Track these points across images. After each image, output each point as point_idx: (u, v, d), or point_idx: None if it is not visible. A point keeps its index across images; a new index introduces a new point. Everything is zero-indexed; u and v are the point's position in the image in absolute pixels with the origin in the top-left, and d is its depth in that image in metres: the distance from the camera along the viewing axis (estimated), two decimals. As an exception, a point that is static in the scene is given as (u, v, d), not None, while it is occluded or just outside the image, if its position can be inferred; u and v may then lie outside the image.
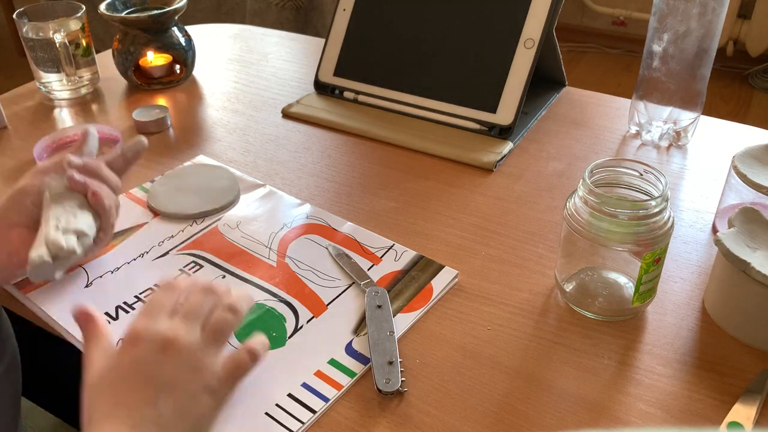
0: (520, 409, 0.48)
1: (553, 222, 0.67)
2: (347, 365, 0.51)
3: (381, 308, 0.55)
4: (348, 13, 0.89)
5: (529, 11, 0.78)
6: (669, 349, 0.53)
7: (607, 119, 0.85)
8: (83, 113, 0.90)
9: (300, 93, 0.92)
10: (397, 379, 0.49)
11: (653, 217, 0.50)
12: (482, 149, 0.77)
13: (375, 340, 0.52)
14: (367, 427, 0.47)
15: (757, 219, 0.54)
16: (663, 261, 0.53)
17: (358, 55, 0.88)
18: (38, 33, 0.87)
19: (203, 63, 1.02)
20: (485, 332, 0.54)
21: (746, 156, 0.61)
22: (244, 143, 0.82)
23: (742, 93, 2.35)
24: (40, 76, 0.91)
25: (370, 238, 0.64)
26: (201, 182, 0.72)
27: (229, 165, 0.77)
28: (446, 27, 0.83)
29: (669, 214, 0.52)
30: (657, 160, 0.76)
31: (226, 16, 1.93)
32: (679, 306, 0.57)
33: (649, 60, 0.74)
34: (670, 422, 0.47)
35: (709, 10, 0.69)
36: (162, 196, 0.70)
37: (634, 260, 0.54)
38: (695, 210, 0.68)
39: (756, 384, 0.49)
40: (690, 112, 0.76)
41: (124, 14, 0.90)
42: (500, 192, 0.72)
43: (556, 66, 0.88)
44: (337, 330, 0.54)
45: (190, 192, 0.70)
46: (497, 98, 0.79)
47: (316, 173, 0.76)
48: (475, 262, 0.62)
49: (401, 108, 0.84)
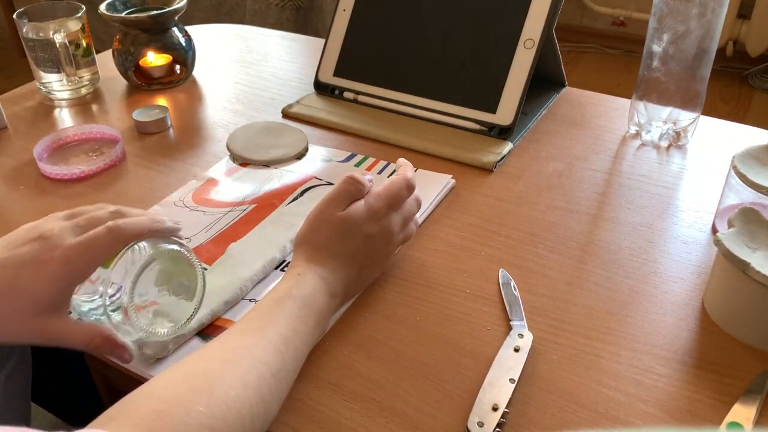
0: (520, 409, 0.48)
1: (553, 222, 0.67)
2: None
3: (517, 352, 0.52)
4: (348, 13, 0.89)
5: (529, 11, 0.78)
6: (669, 349, 0.53)
7: (607, 119, 0.85)
8: (83, 113, 0.90)
9: (300, 93, 0.92)
10: (491, 427, 0.46)
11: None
12: (482, 149, 0.77)
13: (491, 380, 0.49)
14: (367, 427, 0.47)
15: (756, 219, 0.54)
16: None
17: (358, 55, 0.88)
18: (38, 33, 0.87)
19: (203, 63, 1.02)
20: (485, 332, 0.55)
21: (746, 156, 0.61)
22: (244, 143, 0.82)
23: (741, 93, 2.35)
24: (40, 77, 0.91)
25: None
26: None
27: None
28: (446, 27, 0.83)
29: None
30: (657, 161, 0.76)
31: (226, 16, 1.93)
32: (679, 306, 0.57)
33: (648, 60, 0.74)
34: (670, 422, 0.47)
35: (709, 11, 0.69)
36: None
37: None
38: (695, 210, 0.68)
39: (756, 384, 0.49)
40: (690, 113, 0.76)
41: (124, 14, 0.90)
42: (500, 192, 0.72)
43: (556, 66, 0.88)
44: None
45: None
46: (497, 98, 0.79)
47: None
48: (475, 262, 0.62)
49: (401, 108, 0.84)
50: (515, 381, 0.49)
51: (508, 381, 0.49)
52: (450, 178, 0.73)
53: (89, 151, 0.79)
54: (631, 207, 0.69)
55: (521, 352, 0.51)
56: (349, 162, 0.76)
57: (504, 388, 0.48)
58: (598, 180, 0.73)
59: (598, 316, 0.56)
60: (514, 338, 0.53)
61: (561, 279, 0.60)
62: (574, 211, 0.68)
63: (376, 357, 0.53)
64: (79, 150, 0.80)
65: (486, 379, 0.49)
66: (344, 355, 0.53)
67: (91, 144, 0.81)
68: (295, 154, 0.77)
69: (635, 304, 0.57)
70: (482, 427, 0.45)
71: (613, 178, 0.74)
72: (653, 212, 0.68)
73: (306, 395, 0.50)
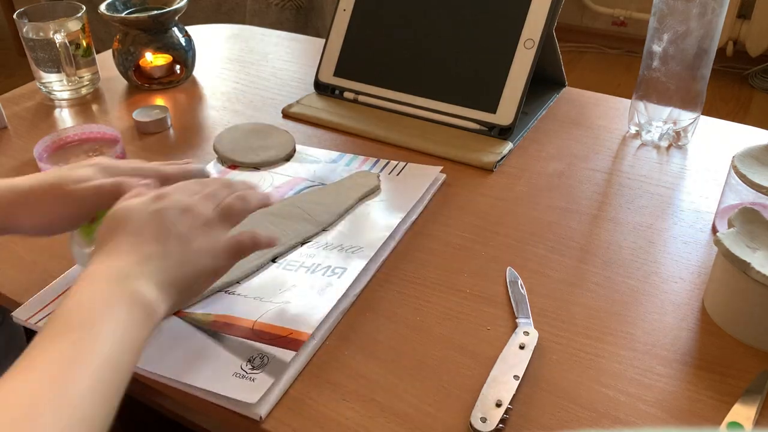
0: (520, 407, 0.48)
1: (553, 222, 0.67)
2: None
3: (522, 349, 0.52)
4: (348, 14, 0.89)
5: (529, 11, 0.78)
6: (669, 349, 0.53)
7: (607, 119, 0.85)
8: (83, 113, 0.90)
9: (300, 93, 0.92)
10: (494, 422, 0.46)
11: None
12: (482, 149, 0.77)
13: (495, 376, 0.49)
14: (367, 427, 0.47)
15: (757, 219, 0.54)
16: None
17: (358, 56, 0.88)
18: (38, 33, 0.87)
19: (203, 63, 1.02)
20: (485, 332, 0.55)
21: (746, 156, 0.61)
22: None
23: (741, 93, 2.35)
24: (40, 77, 0.91)
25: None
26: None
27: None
28: (446, 27, 0.83)
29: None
30: (657, 161, 0.76)
31: (226, 16, 1.93)
32: (679, 306, 0.57)
33: (649, 60, 0.74)
34: (670, 422, 0.47)
35: (709, 11, 0.69)
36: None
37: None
38: (695, 210, 0.68)
39: (756, 384, 0.49)
40: (690, 113, 0.76)
41: (124, 14, 0.90)
42: (500, 192, 0.72)
43: (556, 66, 0.88)
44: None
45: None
46: (497, 98, 0.79)
47: (316, 173, 0.76)
48: (476, 262, 0.62)
49: (401, 108, 0.84)
50: (519, 378, 0.49)
51: (512, 377, 0.49)
52: (439, 171, 0.73)
53: (89, 151, 0.79)
54: (631, 207, 0.69)
55: (526, 349, 0.51)
56: (339, 162, 0.76)
57: (508, 384, 0.48)
58: (598, 180, 0.73)
59: (599, 316, 0.56)
60: (519, 335, 0.53)
61: (561, 279, 0.60)
62: (575, 211, 0.68)
63: (376, 357, 0.53)
64: (79, 150, 0.80)
65: (490, 375, 0.49)
66: (344, 355, 0.53)
67: (91, 144, 0.81)
68: (284, 156, 0.77)
69: (635, 304, 0.57)
70: (485, 422, 0.46)
71: (613, 178, 0.74)
72: (653, 212, 0.68)
73: (306, 395, 0.50)
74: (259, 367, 0.50)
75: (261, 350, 0.52)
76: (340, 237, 0.64)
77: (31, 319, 0.56)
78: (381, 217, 0.66)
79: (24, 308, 0.57)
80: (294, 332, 0.53)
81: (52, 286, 0.59)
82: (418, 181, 0.71)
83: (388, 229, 0.64)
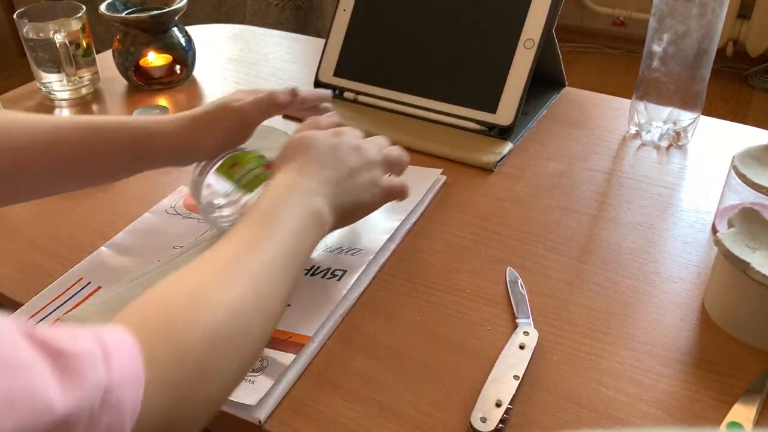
0: (520, 408, 0.48)
1: (553, 222, 0.67)
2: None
3: (522, 349, 0.52)
4: (348, 14, 0.89)
5: (529, 11, 0.78)
6: (669, 349, 0.53)
7: (607, 119, 0.85)
8: (83, 113, 0.90)
9: (300, 93, 0.92)
10: (494, 422, 0.46)
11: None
12: (482, 149, 0.77)
13: (495, 376, 0.49)
14: (367, 427, 0.47)
15: (756, 219, 0.54)
16: None
17: (358, 56, 0.88)
18: (38, 33, 0.87)
19: (203, 63, 1.02)
20: (485, 332, 0.55)
21: (746, 156, 0.61)
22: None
23: (741, 93, 2.35)
24: (40, 77, 0.91)
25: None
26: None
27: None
28: (446, 27, 0.83)
29: None
30: (657, 161, 0.76)
31: (226, 16, 1.93)
32: (679, 306, 0.57)
33: (648, 60, 0.74)
34: (670, 422, 0.47)
35: (709, 11, 0.69)
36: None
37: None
38: (695, 210, 0.68)
39: (756, 384, 0.49)
40: (690, 113, 0.76)
41: (125, 14, 0.90)
42: (500, 192, 0.72)
43: (556, 66, 0.88)
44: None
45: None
46: (497, 98, 0.79)
47: (317, 173, 0.76)
48: (475, 262, 0.62)
49: (401, 108, 0.85)
50: (519, 378, 0.49)
51: (512, 378, 0.49)
52: (440, 173, 0.73)
53: (89, 151, 0.79)
54: (631, 207, 0.69)
55: (526, 349, 0.51)
56: None
57: (508, 384, 0.48)
58: (598, 180, 0.73)
59: (599, 316, 0.56)
60: (519, 335, 0.53)
61: (561, 279, 0.60)
62: (575, 211, 0.68)
63: (376, 357, 0.53)
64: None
65: (490, 375, 0.49)
66: (344, 355, 0.53)
67: (91, 144, 0.81)
68: None
69: (635, 304, 0.57)
70: (485, 422, 0.46)
71: (613, 178, 0.74)
72: (653, 212, 0.68)
73: (306, 395, 0.50)
74: (258, 369, 0.50)
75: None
76: (340, 239, 0.64)
77: (31, 319, 0.56)
78: (381, 220, 0.66)
79: (24, 308, 0.57)
80: (294, 335, 0.53)
81: (52, 286, 0.59)
82: (418, 184, 0.71)
83: (387, 232, 0.64)
